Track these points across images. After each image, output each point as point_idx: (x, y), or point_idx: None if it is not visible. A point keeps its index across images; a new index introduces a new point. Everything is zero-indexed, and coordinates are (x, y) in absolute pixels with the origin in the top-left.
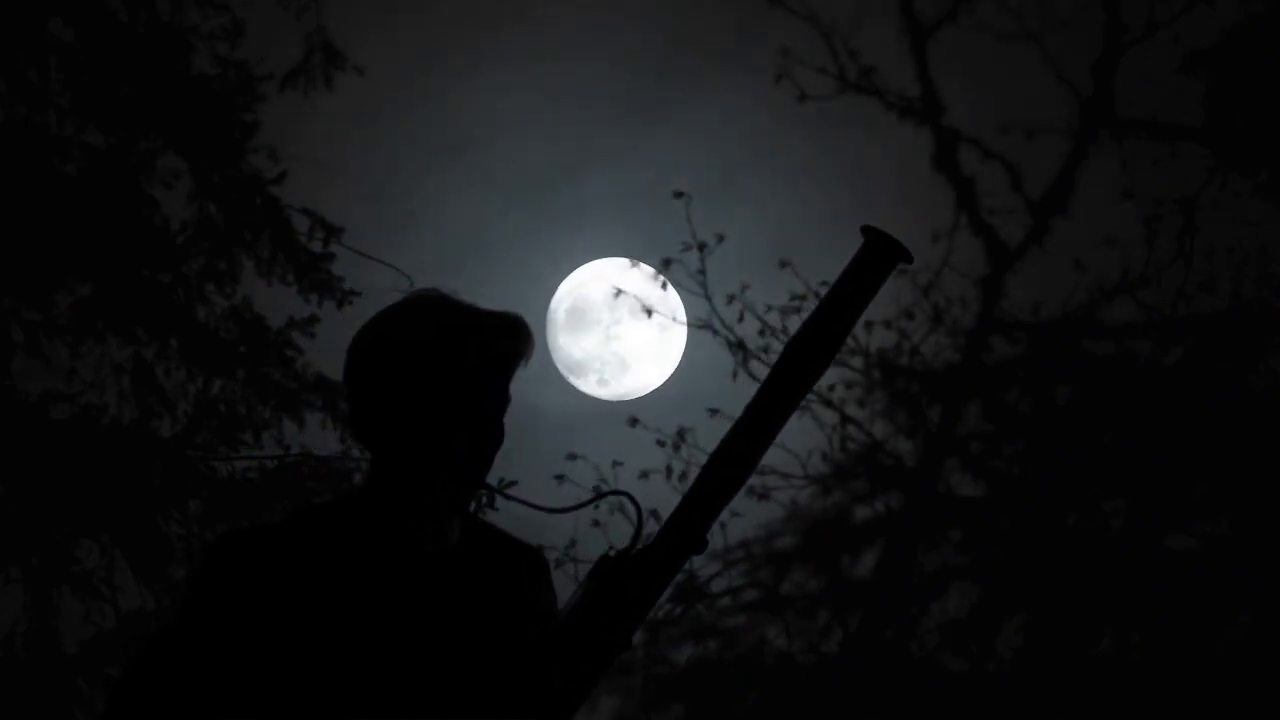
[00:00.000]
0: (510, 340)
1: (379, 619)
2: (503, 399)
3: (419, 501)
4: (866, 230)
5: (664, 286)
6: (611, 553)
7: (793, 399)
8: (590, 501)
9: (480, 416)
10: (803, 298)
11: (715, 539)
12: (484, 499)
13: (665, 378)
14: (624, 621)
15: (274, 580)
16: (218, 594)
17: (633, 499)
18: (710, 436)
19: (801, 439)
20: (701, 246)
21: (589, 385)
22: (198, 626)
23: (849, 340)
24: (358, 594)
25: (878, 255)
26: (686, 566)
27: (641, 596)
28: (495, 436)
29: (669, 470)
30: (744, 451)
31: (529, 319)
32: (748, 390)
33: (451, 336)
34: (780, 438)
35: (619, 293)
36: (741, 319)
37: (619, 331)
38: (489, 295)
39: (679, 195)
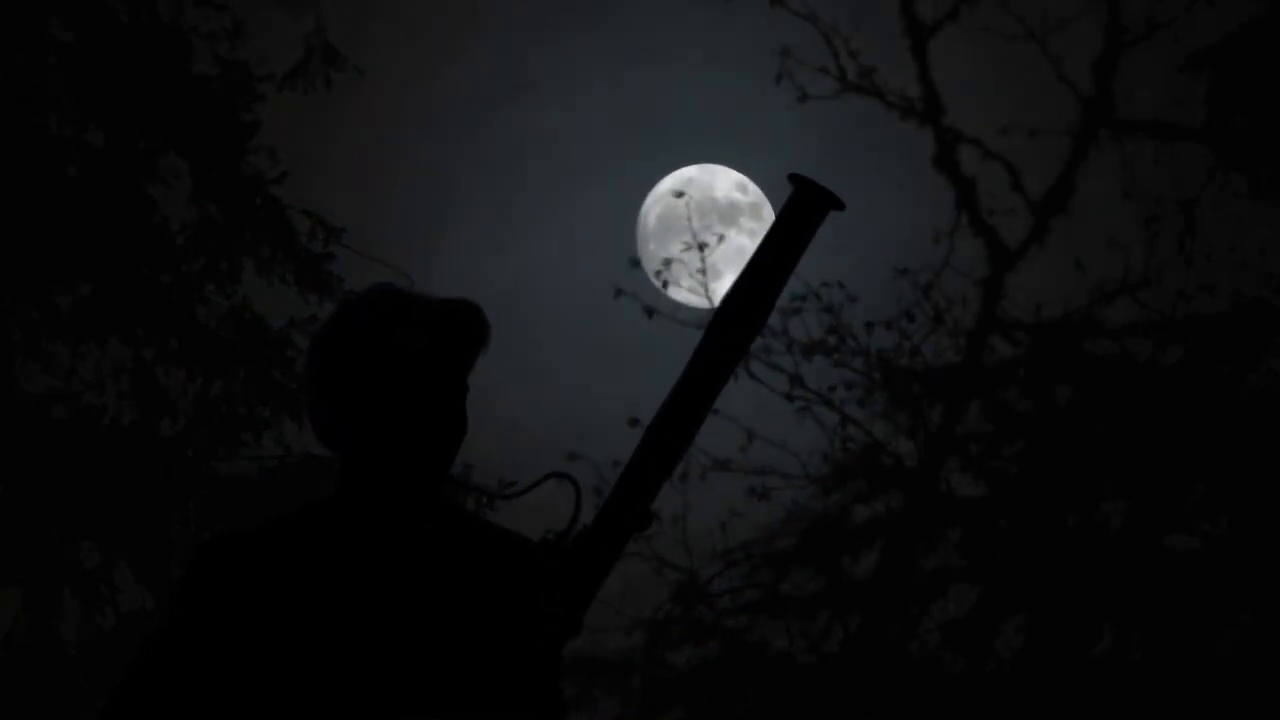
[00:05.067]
0: (464, 329)
1: (360, 618)
2: (460, 389)
3: (386, 499)
4: (794, 179)
5: (664, 286)
6: (550, 535)
7: (730, 358)
8: (536, 484)
9: (438, 408)
10: (803, 298)
11: (715, 539)
12: (484, 499)
13: None
14: (569, 605)
15: (260, 583)
16: (207, 598)
17: (572, 479)
18: (710, 436)
19: (802, 439)
20: (702, 247)
21: (679, 292)
22: (190, 632)
23: (850, 341)
24: (339, 595)
25: (807, 204)
26: (686, 566)
27: (584, 577)
28: (457, 427)
29: None
30: (683, 418)
31: (618, 227)
32: (748, 390)
33: (401, 329)
34: (781, 438)
35: (680, 194)
36: None
37: (708, 238)
38: (581, 205)
39: (679, 195)
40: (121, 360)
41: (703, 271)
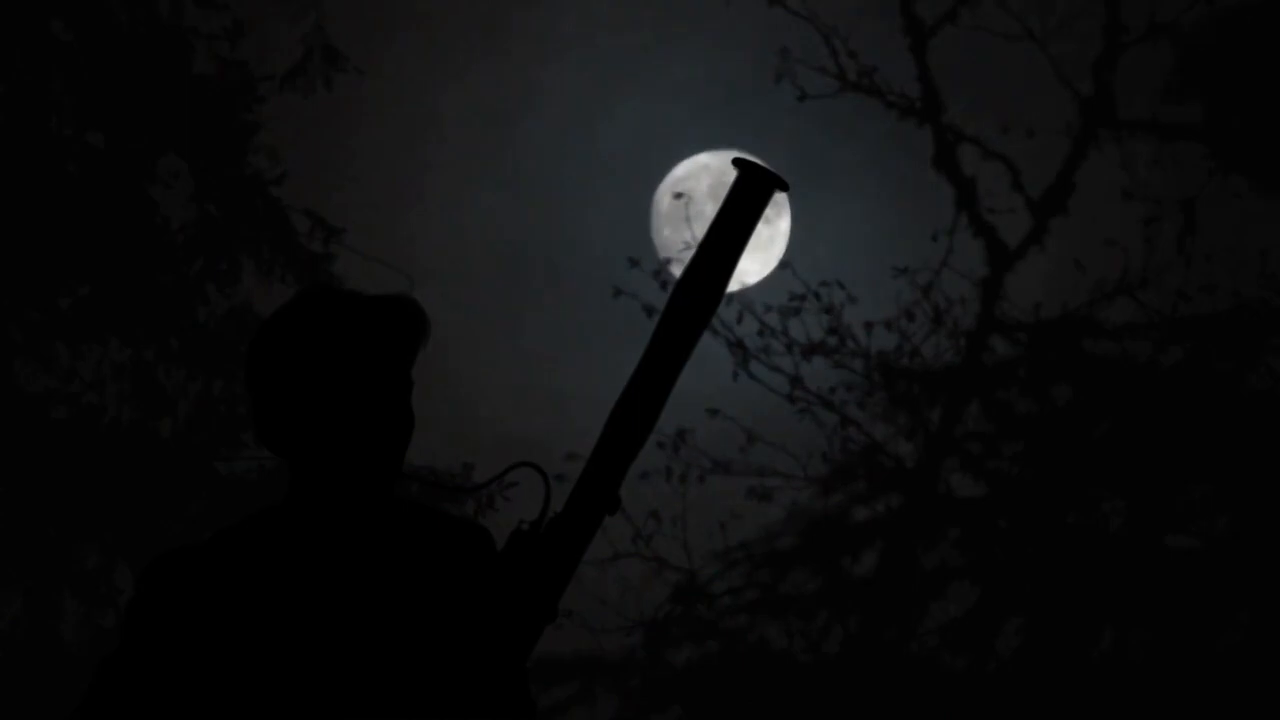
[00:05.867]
0: (402, 325)
1: (316, 623)
2: (404, 384)
3: (347, 499)
4: (739, 163)
5: (664, 287)
6: (524, 525)
7: (687, 341)
8: (499, 476)
9: (382, 404)
10: (802, 298)
11: (715, 540)
12: (484, 500)
13: (769, 269)
14: (545, 592)
15: (212, 596)
16: (157, 617)
17: (539, 468)
18: (710, 436)
19: (802, 440)
20: None
21: None
22: (143, 652)
23: (849, 342)
24: (293, 600)
25: (752, 186)
26: (686, 566)
27: (558, 563)
28: (403, 423)
29: (669, 471)
30: (645, 401)
31: (633, 212)
32: (748, 390)
33: (341, 328)
34: (781, 439)
35: (680, 194)
36: (741, 320)
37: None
38: (596, 189)
39: (678, 197)
40: (121, 360)
41: None
